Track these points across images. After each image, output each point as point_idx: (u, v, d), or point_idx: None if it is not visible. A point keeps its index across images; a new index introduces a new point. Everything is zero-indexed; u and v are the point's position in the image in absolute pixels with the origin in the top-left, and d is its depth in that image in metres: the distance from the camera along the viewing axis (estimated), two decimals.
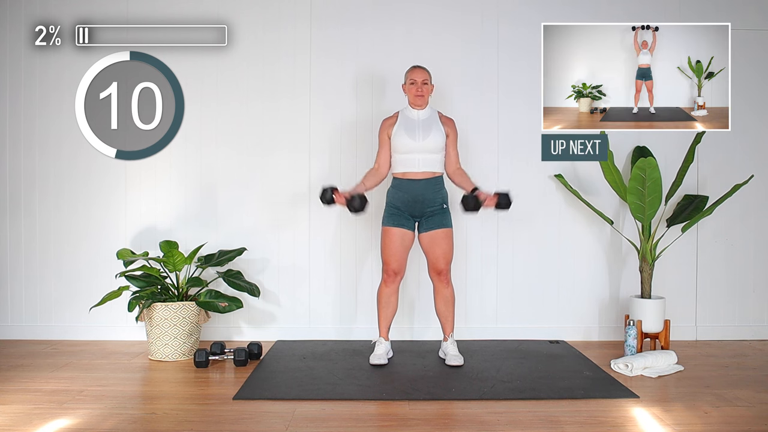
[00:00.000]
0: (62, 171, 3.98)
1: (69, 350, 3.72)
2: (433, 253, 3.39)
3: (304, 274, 4.01)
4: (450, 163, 3.44)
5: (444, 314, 3.46)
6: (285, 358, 3.52)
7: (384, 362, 3.37)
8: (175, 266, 3.60)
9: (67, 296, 3.98)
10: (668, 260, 3.98)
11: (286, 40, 3.98)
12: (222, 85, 3.97)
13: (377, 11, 3.99)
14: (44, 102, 3.97)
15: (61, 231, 3.99)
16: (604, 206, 3.97)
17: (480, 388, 2.98)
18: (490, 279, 4.03)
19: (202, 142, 3.98)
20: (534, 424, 2.57)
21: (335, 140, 3.99)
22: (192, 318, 3.56)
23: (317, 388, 2.98)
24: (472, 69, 4.00)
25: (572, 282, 4.04)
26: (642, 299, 3.70)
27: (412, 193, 3.36)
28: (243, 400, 2.84)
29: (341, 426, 2.55)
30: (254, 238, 3.97)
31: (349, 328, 4.00)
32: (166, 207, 3.99)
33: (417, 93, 3.36)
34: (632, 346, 3.54)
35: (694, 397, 2.89)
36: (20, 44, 3.95)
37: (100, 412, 2.68)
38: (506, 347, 3.78)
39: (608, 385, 3.05)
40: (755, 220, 4.08)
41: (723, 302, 4.07)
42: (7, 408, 2.72)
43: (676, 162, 3.90)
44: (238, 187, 3.99)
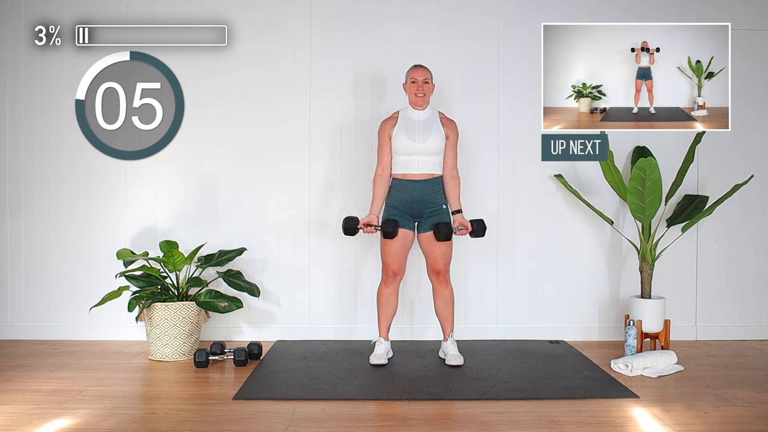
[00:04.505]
0: (62, 171, 3.98)
1: (69, 350, 3.72)
2: (432, 253, 3.38)
3: (304, 274, 4.01)
4: (446, 165, 3.40)
5: (443, 314, 3.46)
6: (285, 358, 3.52)
7: (384, 362, 3.37)
8: (175, 266, 3.60)
9: (67, 296, 3.98)
10: (668, 260, 3.98)
11: (286, 40, 3.98)
12: (222, 85, 3.97)
13: (377, 11, 3.99)
14: (44, 102, 3.97)
15: (61, 231, 3.99)
16: (604, 206, 3.97)
17: (480, 388, 2.98)
18: (490, 279, 4.03)
19: (202, 142, 3.98)
20: (534, 424, 2.57)
21: (335, 139, 3.99)
22: (192, 318, 3.56)
23: (317, 388, 2.98)
24: (472, 69, 4.00)
25: (572, 282, 4.04)
26: (642, 299, 3.70)
27: (411, 194, 3.35)
28: (243, 400, 2.84)
29: (341, 426, 2.55)
30: (254, 238, 3.97)
31: (349, 328, 4.00)
32: (166, 207, 3.99)
33: (417, 92, 3.35)
34: (632, 346, 3.54)
35: (694, 397, 2.89)
36: (20, 44, 3.95)
37: (100, 412, 2.68)
38: (506, 347, 3.78)
39: (608, 385, 3.05)
40: (755, 220, 4.08)
41: (723, 302, 4.07)
42: (7, 408, 2.72)
43: (676, 162, 3.90)
44: (238, 186, 3.99)
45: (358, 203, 3.97)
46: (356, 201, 3.98)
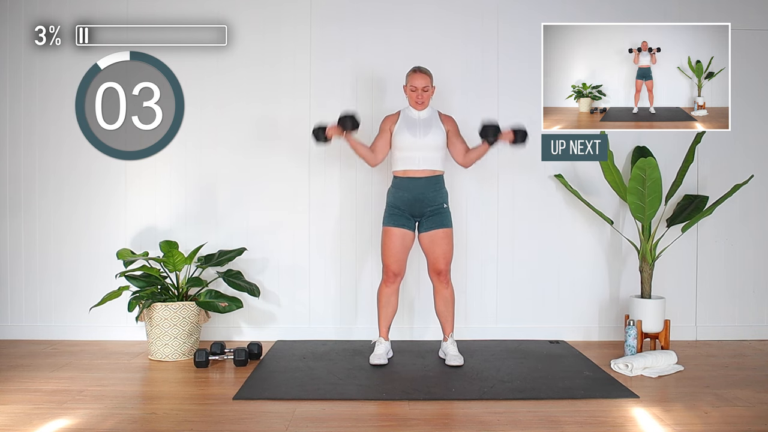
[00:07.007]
0: (62, 171, 3.98)
1: (69, 350, 3.72)
2: (433, 253, 3.39)
3: (304, 274, 4.01)
4: (458, 154, 3.46)
5: (444, 314, 3.46)
6: (285, 358, 3.52)
7: (384, 362, 3.37)
8: (175, 266, 3.60)
9: (67, 296, 3.98)
10: (668, 260, 3.98)
11: (286, 40, 3.98)
12: (222, 85, 3.97)
13: (377, 11, 3.99)
14: (44, 102, 3.97)
15: (61, 231, 3.99)
16: (604, 206, 3.97)
17: (480, 388, 2.98)
18: (490, 279, 4.03)
19: (202, 142, 3.98)
20: (534, 424, 2.57)
21: (335, 140, 3.98)
22: (192, 318, 3.56)
23: (317, 388, 2.98)
24: (472, 69, 3.99)
25: (572, 282, 4.04)
26: (642, 299, 3.70)
27: (413, 192, 3.36)
28: (243, 400, 2.84)
29: (341, 426, 2.55)
30: (254, 238, 3.97)
31: (349, 328, 4.00)
32: (166, 207, 3.99)
33: (417, 100, 3.39)
34: (632, 346, 3.54)
35: (694, 397, 2.89)
36: (20, 44, 3.95)
37: (100, 412, 2.68)
38: (506, 347, 3.78)
39: (608, 385, 3.05)
40: (755, 220, 4.08)
41: (723, 302, 4.07)
42: (7, 408, 2.72)
43: (676, 162, 3.90)
44: (238, 186, 3.99)
45: (358, 203, 3.98)
46: (356, 201, 3.98)
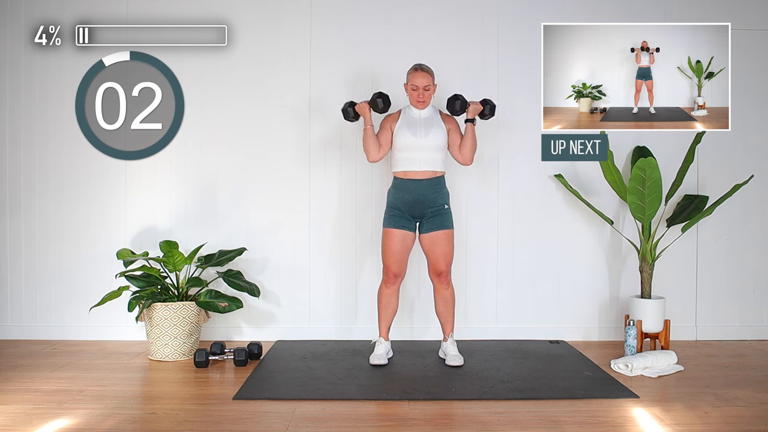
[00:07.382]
0: (62, 171, 3.98)
1: (69, 350, 3.72)
2: (433, 254, 3.39)
3: (304, 274, 4.01)
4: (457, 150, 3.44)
5: (444, 315, 3.46)
6: (285, 358, 3.52)
7: (384, 362, 3.37)
8: (175, 266, 3.60)
9: (67, 296, 3.98)
10: (668, 260, 3.98)
11: (286, 40, 3.98)
12: (222, 85, 3.97)
13: (377, 12, 3.99)
14: (44, 102, 3.97)
15: (61, 231, 3.99)
16: (604, 206, 3.97)
17: (480, 388, 2.98)
18: (490, 279, 4.03)
19: (202, 142, 3.98)
20: (534, 424, 2.57)
21: (335, 140, 3.99)
22: (192, 318, 3.56)
23: (317, 388, 2.98)
24: (472, 69, 3.99)
25: (572, 282, 4.04)
26: (642, 299, 3.70)
27: (413, 194, 3.36)
28: (243, 400, 2.84)
29: (341, 426, 2.55)
30: (254, 238, 3.97)
31: (349, 328, 4.00)
32: (166, 207, 3.99)
33: (418, 99, 3.38)
34: (632, 346, 3.54)
35: (694, 397, 2.89)
36: (20, 44, 3.95)
37: (100, 412, 2.68)
38: (506, 347, 3.78)
39: (608, 385, 3.05)
40: (755, 220, 4.08)
41: (723, 302, 4.07)
42: (7, 408, 2.72)
43: (676, 162, 3.90)
44: (238, 186, 3.99)
45: (358, 203, 3.98)
46: (356, 201, 3.98)
